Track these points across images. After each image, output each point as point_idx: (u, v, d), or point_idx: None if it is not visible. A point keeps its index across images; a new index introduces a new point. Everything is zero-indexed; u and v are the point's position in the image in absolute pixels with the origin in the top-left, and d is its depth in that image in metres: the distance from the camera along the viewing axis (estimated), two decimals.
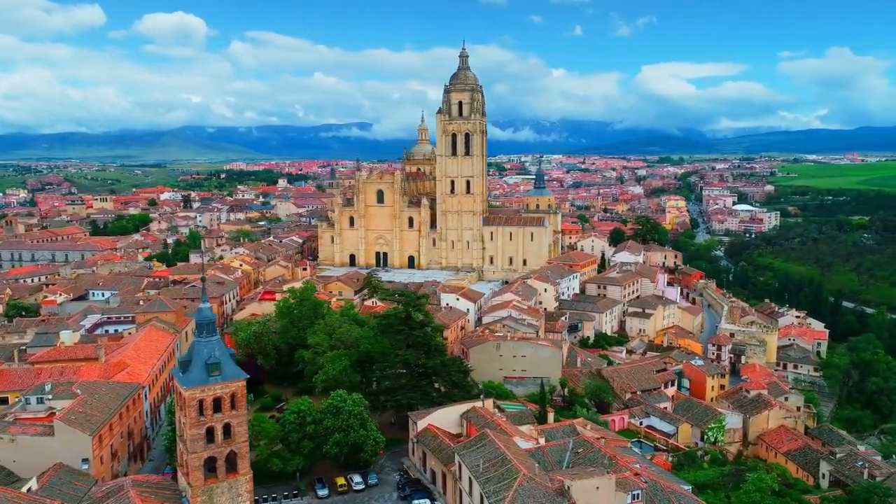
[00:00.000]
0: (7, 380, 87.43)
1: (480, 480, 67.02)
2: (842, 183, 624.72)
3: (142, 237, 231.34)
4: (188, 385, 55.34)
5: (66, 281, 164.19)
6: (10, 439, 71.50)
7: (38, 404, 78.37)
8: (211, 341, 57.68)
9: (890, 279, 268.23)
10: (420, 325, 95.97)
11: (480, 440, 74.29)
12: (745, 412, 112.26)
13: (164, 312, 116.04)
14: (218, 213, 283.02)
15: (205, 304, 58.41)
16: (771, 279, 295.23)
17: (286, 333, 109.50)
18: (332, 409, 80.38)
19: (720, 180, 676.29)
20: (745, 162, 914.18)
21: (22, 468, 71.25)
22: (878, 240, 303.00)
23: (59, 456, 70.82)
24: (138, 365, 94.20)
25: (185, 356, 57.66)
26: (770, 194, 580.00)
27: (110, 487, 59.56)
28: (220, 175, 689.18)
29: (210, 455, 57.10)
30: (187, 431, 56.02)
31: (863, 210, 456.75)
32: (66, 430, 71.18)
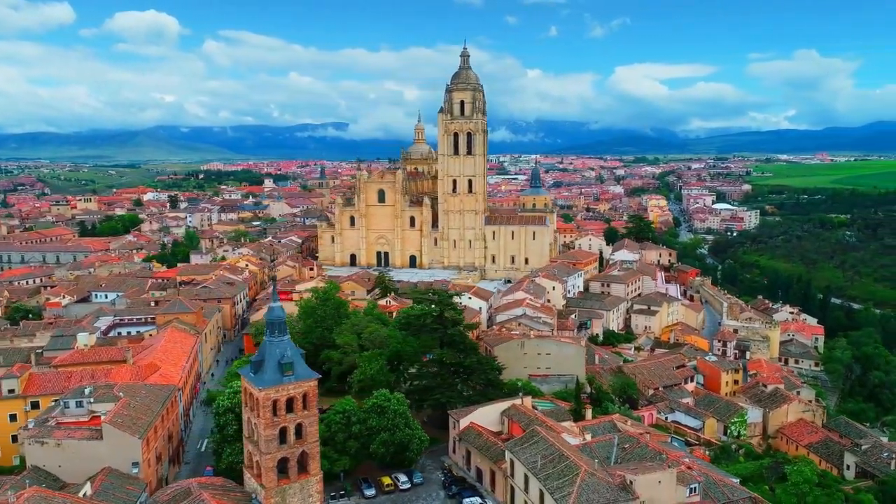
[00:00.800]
0: (38, 384, 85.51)
1: (540, 477, 67.34)
2: (815, 182, 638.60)
3: (135, 238, 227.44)
4: (263, 385, 54.77)
5: (68, 283, 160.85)
6: (55, 444, 70.00)
7: (77, 408, 76.71)
8: (283, 341, 57.19)
9: (873, 275, 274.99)
10: (453, 324, 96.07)
11: (531, 437, 74.64)
12: (765, 406, 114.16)
13: (185, 313, 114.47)
14: (208, 214, 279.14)
15: (275, 304, 57.87)
16: (758, 276, 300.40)
17: (310, 333, 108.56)
18: (376, 409, 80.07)
19: (698, 180, 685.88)
20: (719, 162, 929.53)
21: (68, 473, 69.92)
22: (860, 237, 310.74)
23: (108, 460, 69.62)
24: (169, 367, 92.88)
25: (256, 356, 57.06)
26: (748, 193, 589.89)
27: (176, 491, 58.62)
28: (199, 175, 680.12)
29: (283, 456, 56.55)
30: (261, 432, 55.41)
31: (838, 209, 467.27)
32: (115, 433, 69.89)
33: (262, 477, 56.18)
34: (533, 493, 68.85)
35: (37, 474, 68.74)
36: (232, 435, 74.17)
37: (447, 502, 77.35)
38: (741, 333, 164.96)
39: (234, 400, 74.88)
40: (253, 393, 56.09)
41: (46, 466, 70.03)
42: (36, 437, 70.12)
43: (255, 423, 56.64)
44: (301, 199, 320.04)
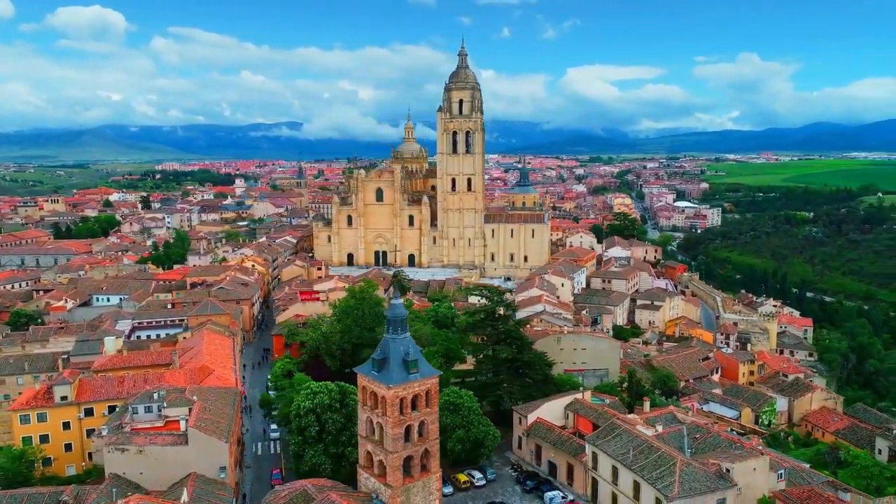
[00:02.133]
0: (89, 389, 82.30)
1: (634, 468, 68.40)
2: (767, 181, 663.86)
3: (118, 239, 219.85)
4: (391, 383, 54.15)
5: (65, 287, 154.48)
6: (137, 451, 67.63)
7: (146, 413, 74.19)
8: (405, 338, 56.63)
9: (841, 269, 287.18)
10: (505, 320, 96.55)
11: (612, 430, 75.73)
12: (788, 395, 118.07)
13: (218, 315, 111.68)
14: (188, 215, 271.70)
15: (397, 301, 57.23)
16: (731, 272, 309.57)
17: (348, 333, 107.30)
18: (449, 406, 79.90)
19: (656, 178, 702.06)
20: (672, 161, 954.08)
21: (150, 480, 67.74)
22: (825, 233, 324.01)
23: (193, 465, 67.71)
24: (221, 369, 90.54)
25: (378, 354, 56.27)
26: (706, 191, 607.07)
27: (292, 494, 57.38)
28: (155, 175, 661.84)
29: (408, 454, 56.06)
30: (389, 431, 54.78)
31: (792, 206, 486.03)
32: (201, 437, 67.95)
33: (388, 476, 55.53)
34: (625, 485, 69.87)
35: (118, 482, 66.25)
36: (314, 437, 72.95)
37: (525, 497, 77.75)
38: (740, 326, 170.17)
39: (314, 401, 73.68)
40: (377, 391, 55.37)
41: (127, 474, 67.57)
42: (116, 445, 67.57)
43: (379, 421, 55.92)
44: (281, 199, 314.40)
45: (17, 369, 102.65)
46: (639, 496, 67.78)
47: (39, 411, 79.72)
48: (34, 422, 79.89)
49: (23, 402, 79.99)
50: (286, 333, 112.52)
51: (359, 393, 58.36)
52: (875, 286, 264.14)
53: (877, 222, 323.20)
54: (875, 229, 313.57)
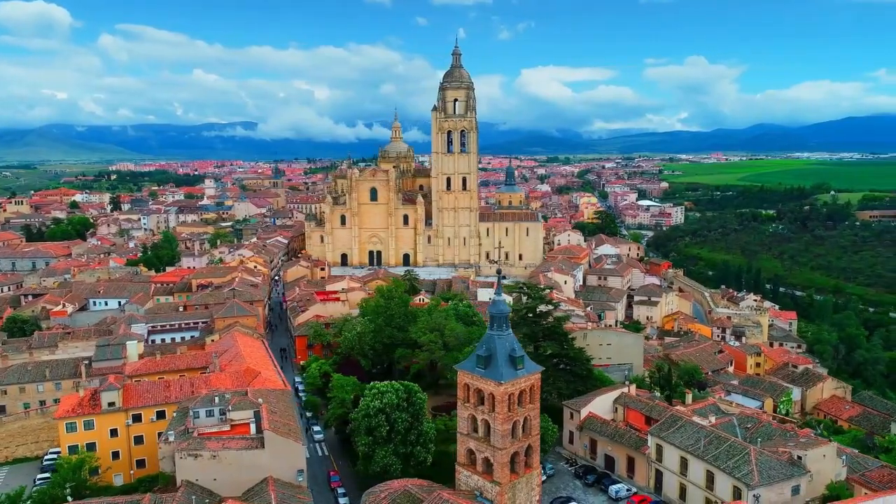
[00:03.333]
0: (136, 395, 79.52)
1: (707, 458, 69.88)
2: (723, 180, 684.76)
3: (99, 241, 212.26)
4: (502, 380, 54.06)
5: (61, 291, 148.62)
6: (210, 456, 65.67)
7: (208, 417, 72.14)
8: (508, 335, 56.65)
9: (809, 264, 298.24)
10: (545, 316, 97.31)
11: (674, 422, 77.19)
12: (801, 385, 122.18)
13: (244, 316, 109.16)
14: (165, 216, 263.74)
15: (499, 297, 57.11)
16: (703, 268, 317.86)
17: (380, 333, 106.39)
18: None
19: (617, 178, 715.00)
20: (627, 161, 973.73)
21: (224, 486, 65.82)
22: (791, 229, 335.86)
23: (270, 469, 66.14)
24: (265, 371, 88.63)
25: (482, 351, 56.08)
26: (666, 190, 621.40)
27: (392, 494, 56.69)
28: (111, 176, 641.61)
29: (514, 450, 56.07)
30: (498, 428, 54.67)
31: (749, 204, 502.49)
32: (279, 440, 66.46)
33: (495, 473, 55.39)
34: (695, 475, 71.27)
35: (191, 490, 64.27)
36: (384, 437, 72.18)
37: (588, 491, 78.52)
38: (734, 320, 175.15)
39: (383, 401, 72.88)
40: (484, 388, 55.17)
41: (200, 480, 65.56)
42: (188, 450, 65.48)
43: (485, 418, 55.73)
44: (259, 200, 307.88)
45: (38, 376, 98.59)
46: (712, 486, 69.31)
47: (86, 419, 76.69)
48: (81, 430, 76.82)
49: (68, 409, 76.75)
50: (312, 334, 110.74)
51: (460, 391, 58.00)
52: (842, 280, 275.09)
53: (839, 219, 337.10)
54: (838, 226, 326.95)
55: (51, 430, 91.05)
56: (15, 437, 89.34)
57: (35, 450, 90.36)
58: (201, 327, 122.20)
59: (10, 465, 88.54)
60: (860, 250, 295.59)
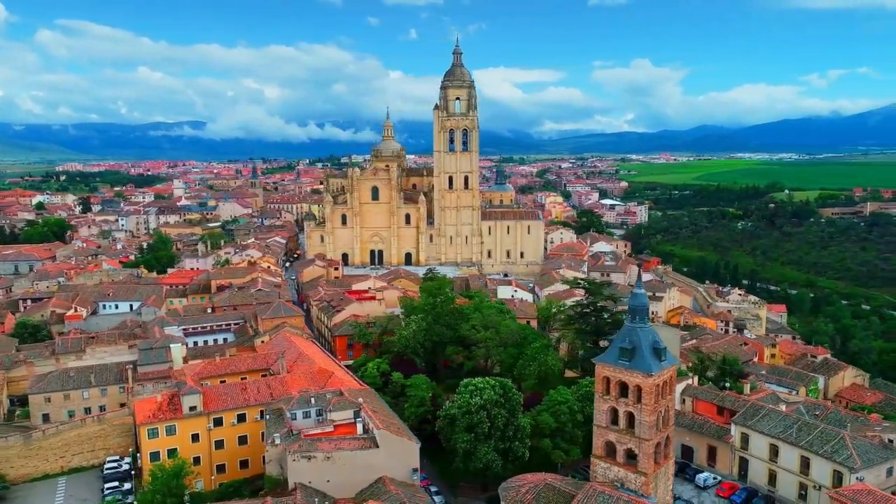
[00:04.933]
0: (216, 398, 76.99)
1: (802, 444, 72.06)
2: (677, 179, 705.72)
3: (84, 243, 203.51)
4: (652, 371, 54.71)
5: (69, 295, 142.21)
6: (324, 457, 64.24)
7: (304, 419, 70.58)
8: (648, 327, 57.35)
9: (780, 260, 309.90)
10: (604, 310, 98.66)
11: (757, 411, 79.27)
12: (822, 374, 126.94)
13: (292, 317, 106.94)
14: (145, 217, 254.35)
15: (640, 291, 57.75)
16: (678, 265, 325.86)
17: (430, 331, 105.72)
18: (589, 396, 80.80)
19: (577, 178, 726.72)
20: (581, 161, 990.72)
21: (337, 488, 64.70)
22: (759, 226, 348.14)
23: (384, 469, 65.20)
24: (338, 371, 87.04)
25: (625, 343, 56.53)
26: (626, 190, 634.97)
27: (536, 486, 56.58)
28: (60, 177, 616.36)
29: (657, 441, 56.77)
30: (645, 419, 55.27)
31: (706, 202, 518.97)
32: (393, 440, 65.61)
33: (641, 464, 56.00)
34: (788, 460, 73.33)
35: (306, 492, 62.74)
36: (485, 433, 71.90)
37: (674, 480, 79.74)
38: (735, 314, 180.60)
39: (482, 397, 72.56)
40: (630, 380, 55.65)
41: (313, 483, 64.09)
42: (302, 452, 63.87)
43: (629, 410, 56.23)
44: (237, 200, 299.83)
45: (83, 383, 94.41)
46: (808, 471, 71.56)
47: (168, 424, 73.92)
48: (162, 435, 73.96)
49: (148, 414, 73.70)
50: (357, 334, 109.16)
51: (598, 384, 58.37)
52: (813, 275, 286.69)
53: (804, 216, 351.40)
54: (804, 223, 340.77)
55: (107, 437, 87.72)
56: (71, 445, 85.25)
57: (91, 458, 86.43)
58: (234, 329, 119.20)
59: (66, 475, 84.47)
60: (827, 246, 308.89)
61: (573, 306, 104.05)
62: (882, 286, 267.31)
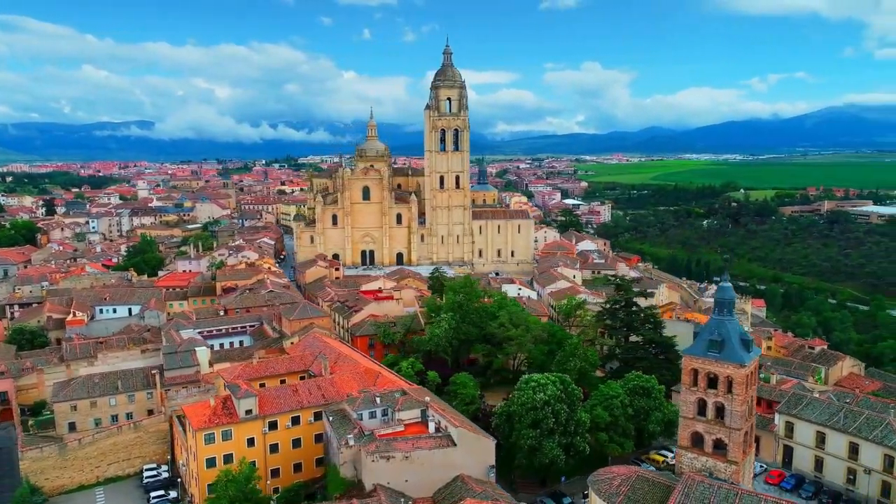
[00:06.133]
0: (269, 401, 75.05)
1: (850, 431, 74.86)
2: (634, 179, 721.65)
3: (60, 247, 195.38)
4: (744, 362, 56.11)
5: (62, 299, 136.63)
6: (403, 457, 63.59)
7: (370, 419, 69.73)
8: (735, 320, 58.71)
9: (747, 256, 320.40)
10: (634, 305, 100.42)
11: (800, 399, 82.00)
12: (822, 364, 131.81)
13: (319, 318, 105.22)
14: (118, 218, 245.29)
15: (726, 284, 59.04)
16: (648, 262, 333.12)
17: (458, 330, 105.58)
18: (638, 390, 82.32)
19: (536, 178, 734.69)
20: (537, 162, 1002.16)
21: (415, 487, 64.28)
22: (724, 224, 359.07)
23: (461, 468, 64.93)
24: (380, 371, 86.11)
25: (714, 335, 57.75)
26: (587, 190, 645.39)
27: (628, 478, 57.22)
28: (6, 178, 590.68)
29: (745, 430, 58.17)
30: (737, 409, 56.63)
31: (665, 201, 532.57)
32: (470, 438, 65.47)
33: (731, 452, 57.31)
34: (835, 447, 76.10)
35: (388, 493, 62.03)
36: (550, 428, 72.33)
37: None
38: None
39: (546, 393, 72.93)
40: (720, 371, 56.91)
41: (391, 483, 63.38)
42: (381, 453, 63.08)
43: (718, 401, 57.47)
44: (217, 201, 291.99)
45: (109, 389, 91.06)
46: (856, 456, 74.39)
47: (224, 428, 71.77)
48: (219, 441, 71.81)
49: (205, 420, 71.47)
50: (381, 333, 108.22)
51: (685, 376, 59.47)
52: (779, 270, 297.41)
53: (766, 214, 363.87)
54: (767, 220, 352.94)
55: (143, 445, 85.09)
56: (107, 454, 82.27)
57: (126, 468, 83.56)
58: (250, 331, 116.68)
59: (103, 484, 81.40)
60: (791, 242, 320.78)
61: (606, 302, 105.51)
62: (845, 280, 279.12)
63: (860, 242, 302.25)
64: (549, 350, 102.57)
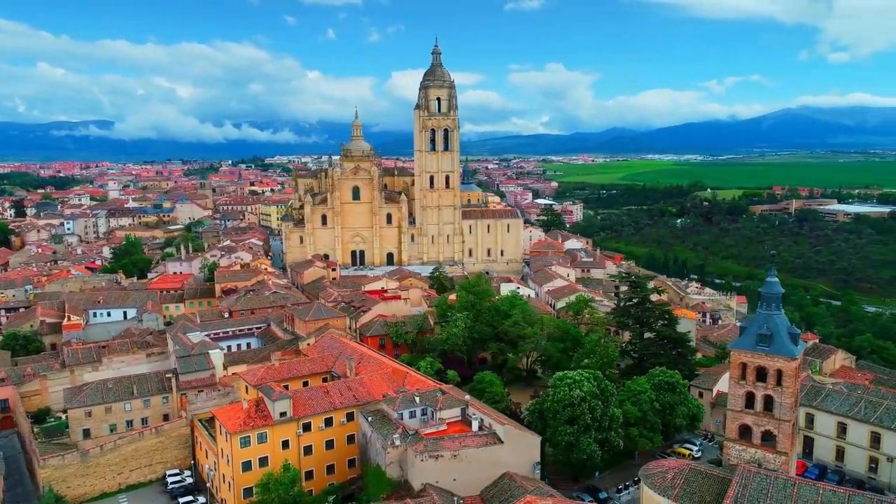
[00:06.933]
0: (303, 403, 74.05)
1: (872, 421, 77.23)
2: (602, 179, 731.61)
3: (39, 249, 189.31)
4: (794, 355, 57.46)
5: (53, 303, 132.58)
6: (451, 455, 63.48)
7: (410, 418, 69.40)
8: (782, 314, 60.02)
9: (721, 254, 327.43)
10: (648, 302, 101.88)
11: (819, 391, 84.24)
12: (815, 357, 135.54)
13: (334, 318, 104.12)
14: (94, 220, 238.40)
15: (774, 279, 60.25)
16: (626, 259, 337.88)
17: (472, 329, 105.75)
18: (663, 385, 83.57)
19: (507, 178, 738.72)
20: (504, 162, 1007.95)
21: (462, 486, 64.32)
22: (697, 223, 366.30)
23: (508, 465, 65.11)
24: (408, 371, 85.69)
25: (763, 329, 58.97)
26: (557, 189, 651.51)
27: (681, 472, 58.13)
28: None
29: (792, 421, 59.55)
30: (786, 401, 57.95)
31: (634, 201, 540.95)
32: (517, 435, 65.90)
33: (780, 444, 58.64)
34: (857, 437, 78.44)
35: (439, 492, 61.86)
36: (587, 424, 72.92)
37: None
38: (708, 305, 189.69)
39: (582, 389, 73.49)
40: (770, 365, 58.15)
41: (440, 482, 63.21)
42: (430, 452, 62.85)
43: (767, 393, 58.71)
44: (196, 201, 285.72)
45: (124, 394, 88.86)
46: (878, 445, 76.78)
47: (260, 431, 70.63)
48: (254, 444, 70.64)
49: (240, 423, 70.18)
50: (394, 333, 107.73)
51: (734, 369, 60.63)
52: (753, 268, 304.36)
53: (738, 213, 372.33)
54: (739, 219, 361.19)
55: (165, 450, 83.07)
56: (129, 460, 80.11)
57: (148, 473, 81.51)
58: (257, 333, 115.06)
59: (125, 492, 79.30)
60: (763, 240, 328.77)
61: (622, 299, 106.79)
62: (817, 277, 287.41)
63: (829, 240, 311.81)
64: (564, 348, 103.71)
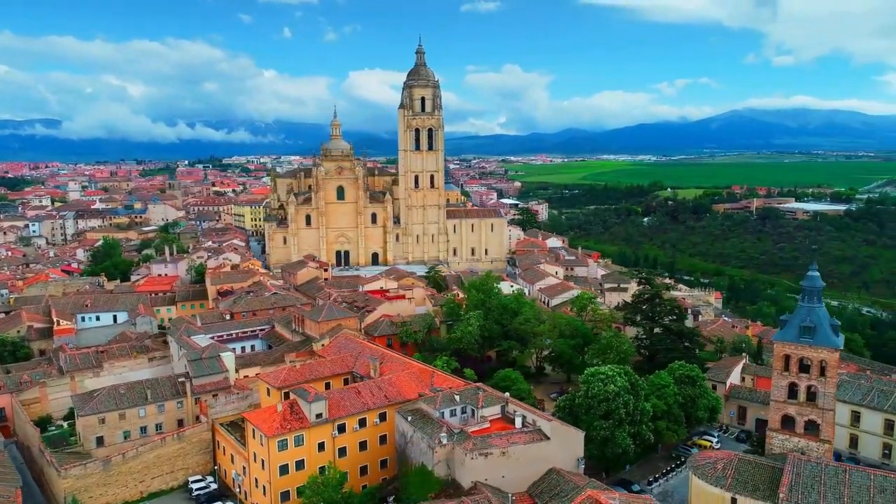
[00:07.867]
0: (335, 405, 73.10)
1: (886, 409, 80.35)
2: (564, 179, 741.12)
3: (9, 252, 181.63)
4: (839, 346, 59.45)
5: (38, 307, 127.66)
6: (500, 453, 63.58)
7: (451, 417, 69.34)
8: (823, 307, 62.01)
9: (688, 252, 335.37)
10: (658, 297, 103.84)
11: None
12: None
13: (346, 318, 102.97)
14: (61, 221, 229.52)
15: (815, 273, 62.12)
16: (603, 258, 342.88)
17: (483, 327, 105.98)
18: (685, 379, 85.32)
19: (470, 178, 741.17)
20: (464, 162, 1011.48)
21: (511, 483, 64.43)
22: (664, 221, 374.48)
23: (554, 460, 65.59)
24: (434, 371, 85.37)
25: (806, 322, 60.81)
26: (521, 189, 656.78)
27: (731, 462, 59.46)
28: None
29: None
30: (829, 391, 60.02)
31: (596, 200, 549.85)
32: (563, 431, 66.45)
33: (823, 432, 60.64)
34: (871, 424, 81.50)
35: (492, 490, 61.86)
36: (622, 418, 73.92)
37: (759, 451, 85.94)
38: (688, 301, 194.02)
39: (616, 384, 74.40)
40: (814, 356, 60.09)
41: (489, 480, 63.23)
42: (480, 450, 62.83)
43: (811, 384, 60.63)
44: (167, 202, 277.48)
45: (138, 400, 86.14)
46: (892, 432, 79.94)
47: (297, 434, 69.51)
48: (291, 447, 69.46)
49: (277, 426, 68.88)
50: (403, 332, 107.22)
51: (777, 361, 62.34)
52: (720, 264, 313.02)
53: (701, 211, 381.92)
54: (703, 217, 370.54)
55: (186, 456, 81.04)
56: (150, 468, 77.83)
57: (170, 480, 79.36)
58: (261, 335, 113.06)
59: (147, 500, 77.01)
60: (728, 238, 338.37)
61: (634, 296, 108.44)
62: (780, 272, 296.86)
63: (791, 237, 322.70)
64: (574, 345, 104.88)
